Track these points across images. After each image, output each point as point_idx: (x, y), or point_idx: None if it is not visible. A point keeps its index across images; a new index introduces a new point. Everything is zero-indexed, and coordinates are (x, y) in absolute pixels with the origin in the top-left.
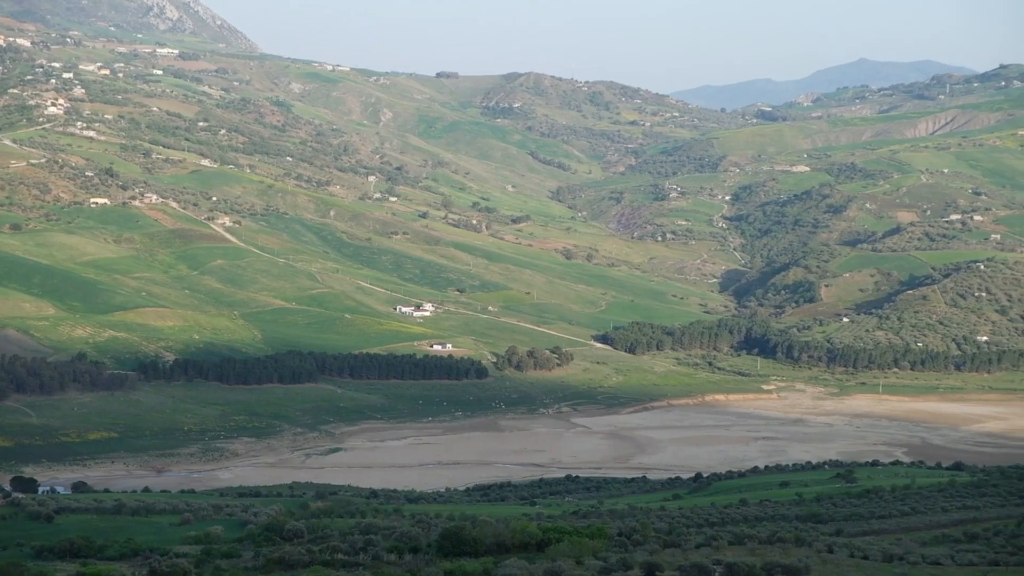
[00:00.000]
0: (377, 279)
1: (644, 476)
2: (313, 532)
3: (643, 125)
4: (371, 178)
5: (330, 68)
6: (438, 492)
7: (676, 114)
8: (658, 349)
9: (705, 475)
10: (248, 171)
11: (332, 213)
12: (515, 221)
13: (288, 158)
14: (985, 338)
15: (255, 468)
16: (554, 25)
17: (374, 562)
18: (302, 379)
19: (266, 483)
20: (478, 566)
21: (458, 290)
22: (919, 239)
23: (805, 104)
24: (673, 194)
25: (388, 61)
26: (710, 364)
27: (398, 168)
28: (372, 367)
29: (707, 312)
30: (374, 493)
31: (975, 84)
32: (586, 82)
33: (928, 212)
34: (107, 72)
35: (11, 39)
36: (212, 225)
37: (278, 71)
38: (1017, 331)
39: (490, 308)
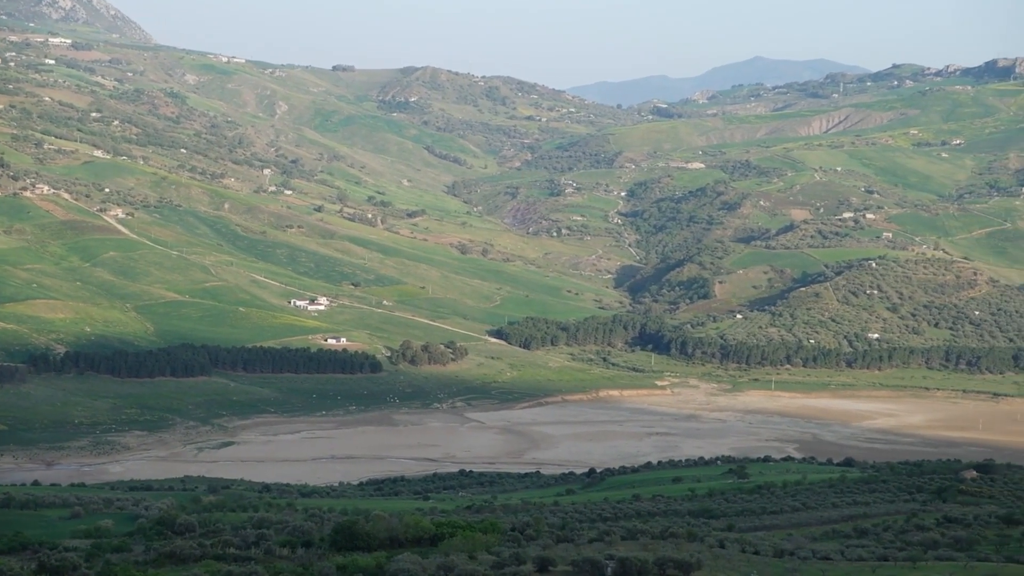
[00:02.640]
0: (272, 272)
1: (538, 471)
2: (205, 526)
3: (539, 120)
4: (266, 171)
5: (225, 60)
6: (331, 486)
7: (572, 110)
8: (552, 344)
9: (598, 470)
10: (142, 163)
11: (227, 206)
12: (410, 215)
13: (182, 150)
14: (876, 335)
15: (147, 462)
16: (451, 14)
17: (266, 556)
18: (195, 372)
19: (158, 477)
20: (371, 561)
21: (353, 284)
22: (812, 237)
23: (701, 101)
24: (569, 190)
25: (284, 54)
26: (604, 360)
27: (293, 161)
28: (266, 361)
29: (602, 308)
30: (267, 487)
31: (868, 83)
32: (483, 77)
33: (821, 210)
34: None
35: None
36: (105, 217)
37: (173, 62)
38: (908, 328)
39: (385, 302)
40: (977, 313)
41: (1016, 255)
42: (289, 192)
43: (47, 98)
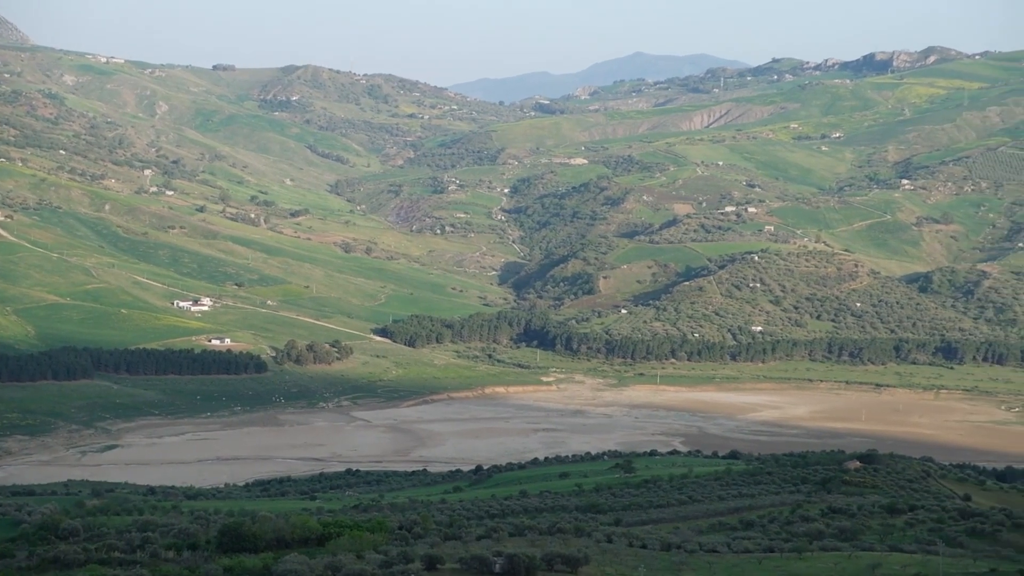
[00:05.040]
0: (154, 274)
1: (425, 469)
2: (89, 530)
3: (422, 118)
4: (147, 172)
5: (104, 60)
6: (217, 488)
7: (455, 107)
8: (438, 342)
9: (485, 467)
10: (20, 164)
11: (107, 207)
12: (294, 215)
13: (62, 151)
14: (759, 328)
15: (29, 466)
16: (331, 12)
17: (152, 560)
18: (77, 375)
19: (40, 481)
20: (258, 562)
21: (236, 284)
22: (695, 231)
23: (583, 97)
24: (452, 187)
25: (164, 53)
26: (490, 357)
27: (175, 162)
28: (149, 362)
29: (487, 305)
30: (152, 490)
31: (749, 78)
32: (364, 75)
33: (704, 204)
34: None
35: None
36: None
37: (50, 63)
38: (791, 321)
39: (269, 302)
40: (859, 305)
41: (896, 247)
42: (171, 193)
43: None
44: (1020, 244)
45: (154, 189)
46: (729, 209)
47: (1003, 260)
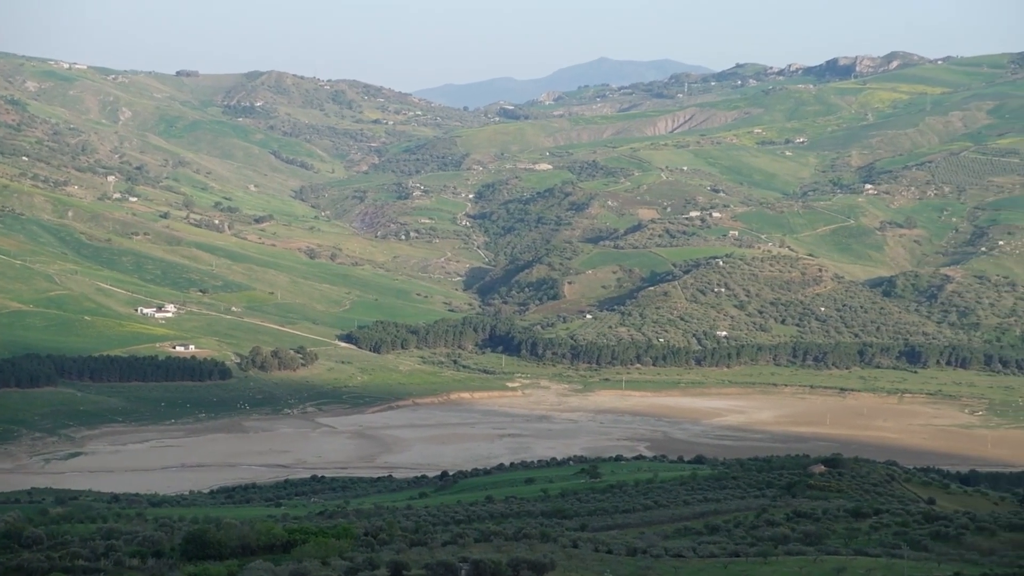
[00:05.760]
0: (118, 280)
1: (390, 475)
2: (53, 538)
3: (386, 124)
4: (110, 178)
5: (67, 66)
6: (182, 495)
7: (419, 113)
8: (403, 348)
9: (451, 473)
10: None
11: (71, 214)
12: (258, 221)
13: (24, 158)
14: (724, 333)
15: None
16: (295, 18)
17: (116, 567)
18: (40, 383)
19: (3, 489)
20: (223, 569)
21: (201, 291)
22: (660, 236)
23: (547, 103)
24: (417, 193)
25: (127, 59)
26: (455, 362)
27: (138, 168)
28: (113, 369)
29: (452, 310)
30: (116, 498)
31: (712, 83)
32: (328, 81)
33: (668, 209)
34: None
35: None
36: None
37: (12, 69)
38: (755, 326)
39: (233, 308)
40: (823, 309)
41: (860, 251)
42: (134, 199)
43: None
44: (983, 248)
45: (117, 195)
46: (694, 214)
47: (966, 264)
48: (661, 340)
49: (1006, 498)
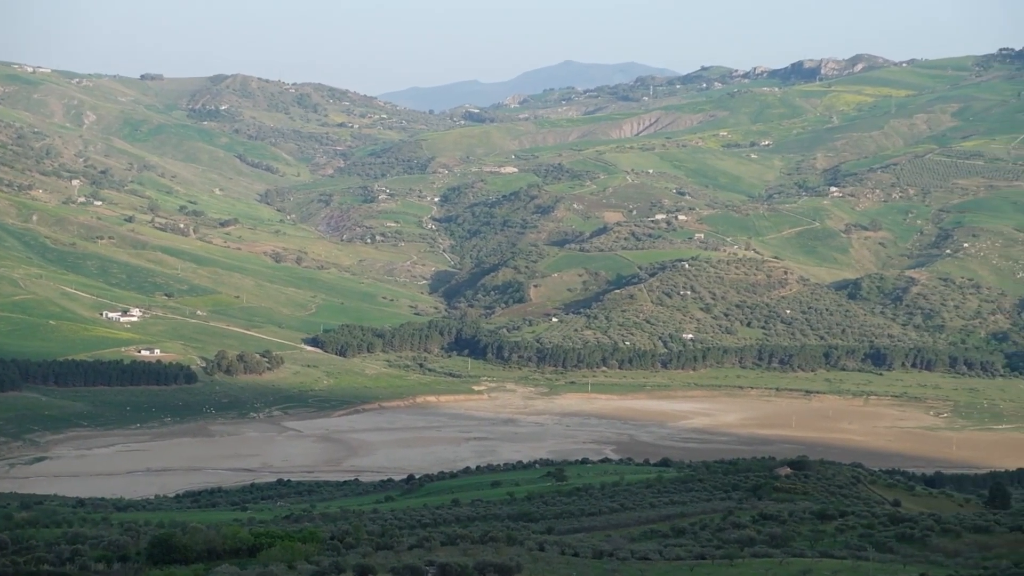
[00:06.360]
0: (82, 284)
1: (356, 479)
2: (18, 543)
3: (351, 127)
4: (75, 182)
5: (31, 70)
6: (147, 499)
7: (384, 116)
8: (369, 351)
9: (417, 476)
10: None
11: (35, 218)
12: (223, 224)
13: None
14: (690, 335)
15: None
16: (259, 20)
17: (81, 572)
18: (5, 387)
19: None
20: (188, 573)
21: (166, 295)
22: (626, 239)
23: (512, 106)
24: (382, 196)
25: (91, 63)
26: (421, 366)
27: (103, 172)
28: (78, 374)
29: (417, 314)
30: (81, 502)
31: (678, 86)
32: (293, 84)
33: (634, 212)
34: None
35: None
36: None
37: None
38: (721, 328)
39: (199, 312)
40: (788, 312)
41: (825, 254)
42: (99, 203)
43: None
44: (948, 250)
45: (82, 199)
46: (659, 217)
47: (931, 266)
48: (627, 343)
49: (971, 500)
